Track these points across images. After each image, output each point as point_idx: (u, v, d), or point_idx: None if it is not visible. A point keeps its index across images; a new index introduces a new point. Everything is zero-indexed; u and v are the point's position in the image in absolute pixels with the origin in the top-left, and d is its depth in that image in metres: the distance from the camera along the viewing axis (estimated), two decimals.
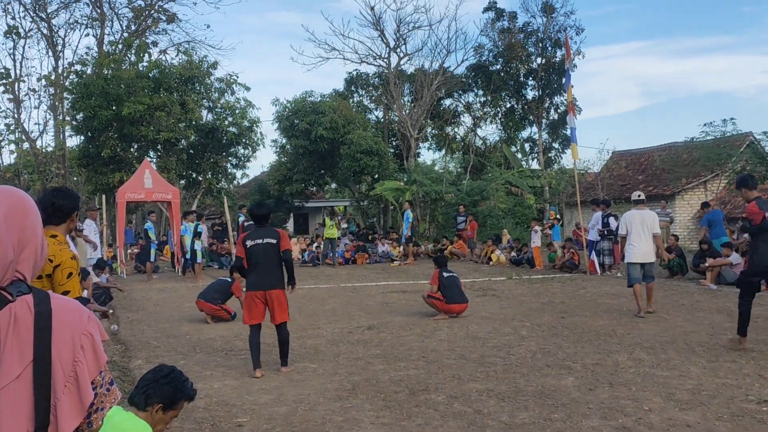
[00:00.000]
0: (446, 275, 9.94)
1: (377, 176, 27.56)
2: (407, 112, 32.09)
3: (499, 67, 34.49)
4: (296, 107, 28.17)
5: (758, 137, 23.51)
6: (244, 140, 26.58)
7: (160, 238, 22.62)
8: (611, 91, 76.00)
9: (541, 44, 33.80)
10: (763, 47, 70.71)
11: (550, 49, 33.77)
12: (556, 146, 35.71)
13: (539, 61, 33.99)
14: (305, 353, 7.60)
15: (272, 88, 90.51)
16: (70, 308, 1.54)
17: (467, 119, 36.97)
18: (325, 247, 20.64)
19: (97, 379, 1.55)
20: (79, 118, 24.60)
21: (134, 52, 26.82)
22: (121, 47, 27.85)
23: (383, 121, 33.56)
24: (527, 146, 36.62)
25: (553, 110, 34.95)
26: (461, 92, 35.53)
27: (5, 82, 29.62)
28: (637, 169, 30.79)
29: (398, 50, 32.61)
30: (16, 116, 30.37)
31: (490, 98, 34.81)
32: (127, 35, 29.64)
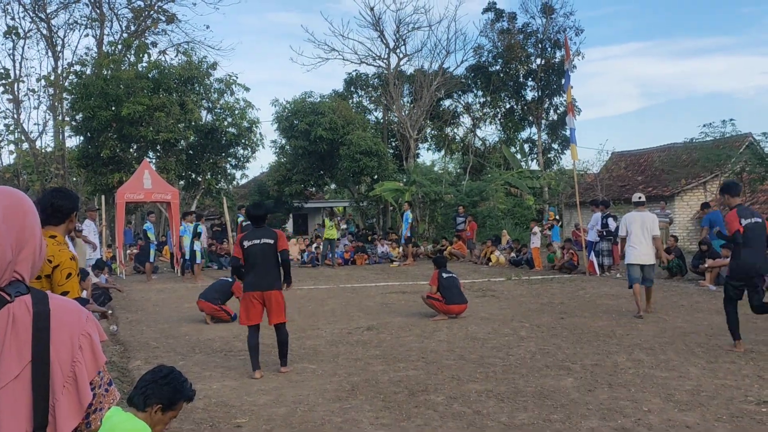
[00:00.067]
0: (445, 276, 9.94)
1: (376, 177, 27.55)
2: (407, 112, 32.10)
3: (498, 67, 34.50)
4: (296, 108, 28.17)
5: (757, 138, 23.52)
6: (243, 141, 26.59)
7: (159, 238, 22.60)
8: (610, 91, 76.13)
9: (540, 45, 33.80)
10: (762, 48, 70.86)
11: (549, 49, 33.78)
12: (555, 147, 35.72)
13: (539, 61, 33.99)
14: (304, 354, 7.60)
15: (272, 88, 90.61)
16: (68, 309, 1.54)
17: (467, 120, 37.02)
18: (324, 247, 20.64)
19: (95, 379, 1.54)
20: (78, 118, 24.59)
21: (134, 52, 26.80)
22: (120, 48, 27.84)
23: (383, 121, 33.57)
24: (527, 147, 36.65)
25: (552, 111, 34.96)
26: (461, 93, 35.54)
27: (5, 82, 29.57)
28: (636, 170, 30.80)
29: (398, 51, 32.66)
30: (15, 116, 30.34)
31: (489, 99, 34.82)
32: (126, 36, 29.63)
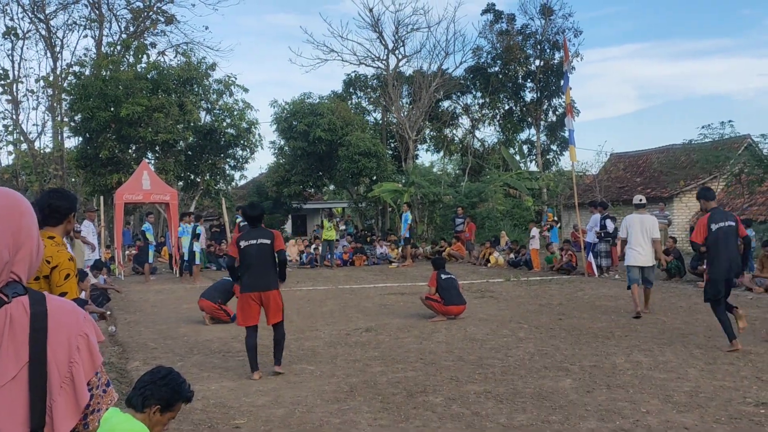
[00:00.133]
0: (444, 277, 9.95)
1: (375, 178, 27.55)
2: (405, 113, 32.11)
3: (497, 69, 34.51)
4: (294, 109, 28.17)
5: (756, 140, 23.51)
6: (242, 142, 26.59)
7: (158, 239, 22.61)
8: (609, 93, 76.05)
9: (539, 46, 33.82)
10: (761, 50, 70.85)
11: (548, 51, 33.79)
12: (554, 148, 35.73)
13: (537, 63, 34.00)
14: (303, 355, 7.59)
15: (270, 89, 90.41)
16: (65, 309, 1.54)
17: (465, 121, 37.03)
18: (323, 248, 20.64)
19: (93, 380, 1.54)
20: (77, 119, 24.58)
21: (132, 53, 26.79)
22: (119, 48, 27.84)
23: (381, 122, 33.57)
24: (525, 148, 36.67)
25: (551, 112, 34.97)
26: (459, 94, 35.55)
27: (4, 83, 29.57)
28: (635, 171, 30.83)
29: (397, 52, 32.67)
30: (14, 117, 30.34)
31: (488, 100, 34.83)
32: (125, 36, 29.63)
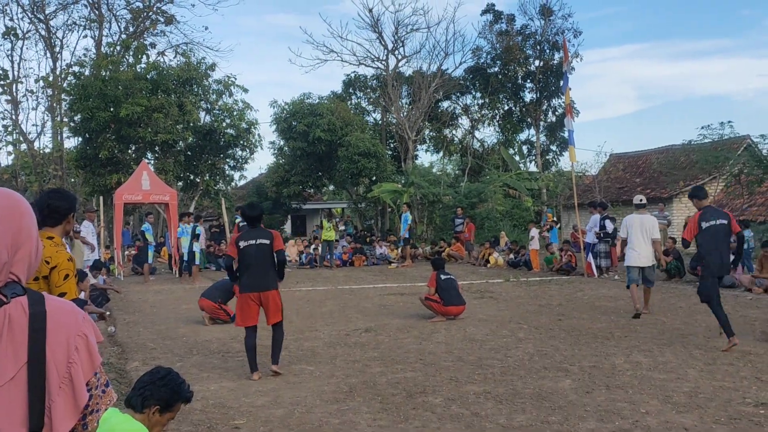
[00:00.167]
0: (444, 277, 9.94)
1: (375, 178, 27.56)
2: (405, 114, 32.12)
3: (496, 69, 34.53)
4: (294, 109, 28.17)
5: (755, 140, 23.52)
6: (241, 142, 26.59)
7: (157, 239, 22.60)
8: (609, 93, 76.07)
9: (538, 47, 33.84)
10: (761, 50, 70.91)
11: (548, 51, 33.82)
12: (553, 149, 35.76)
13: (537, 63, 34.02)
14: (302, 355, 7.59)
15: (270, 90, 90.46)
16: (64, 310, 1.54)
17: (465, 121, 37.06)
18: (322, 249, 20.64)
19: (92, 380, 1.54)
20: (76, 119, 24.59)
21: (132, 53, 26.80)
22: (119, 49, 27.84)
23: (381, 123, 33.59)
24: (525, 149, 36.69)
25: (550, 113, 35.00)
26: (459, 94, 35.57)
27: (3, 83, 29.58)
28: (634, 171, 30.85)
29: (396, 52, 32.68)
30: (13, 117, 30.34)
31: (487, 100, 34.85)
32: (125, 37, 29.64)
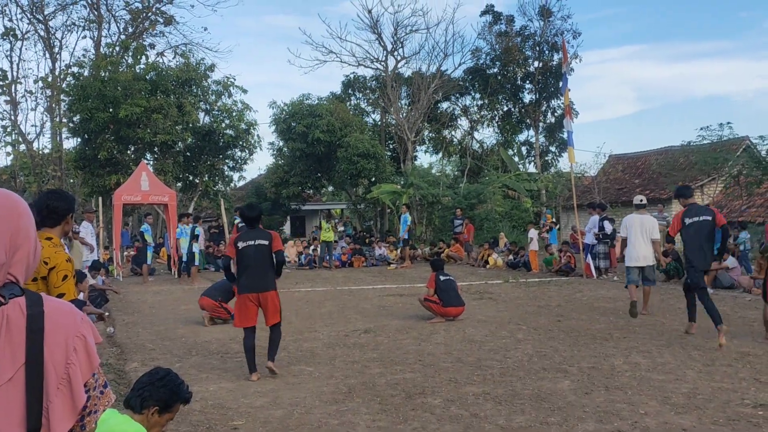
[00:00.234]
0: (443, 278, 9.94)
1: (374, 179, 27.57)
2: (404, 115, 32.13)
3: (496, 70, 34.56)
4: (293, 110, 28.18)
5: (754, 141, 23.58)
6: (241, 143, 26.60)
7: (156, 240, 22.59)
8: (608, 94, 76.14)
9: (538, 48, 33.88)
10: (760, 52, 71.02)
11: (547, 52, 33.86)
12: (552, 150, 35.80)
13: (536, 64, 34.06)
14: (301, 356, 7.59)
15: (269, 90, 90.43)
16: (62, 310, 1.53)
17: (464, 122, 37.11)
18: (321, 250, 20.64)
19: (90, 381, 1.53)
20: (75, 120, 24.58)
21: (131, 54, 26.81)
22: (118, 49, 27.84)
23: (380, 124, 33.61)
24: (524, 150, 36.71)
25: (550, 114, 35.04)
26: (458, 95, 35.59)
27: (2, 84, 29.56)
28: (633, 172, 30.87)
29: (395, 53, 32.72)
30: (12, 118, 30.31)
31: (487, 101, 34.88)
32: (124, 37, 29.63)
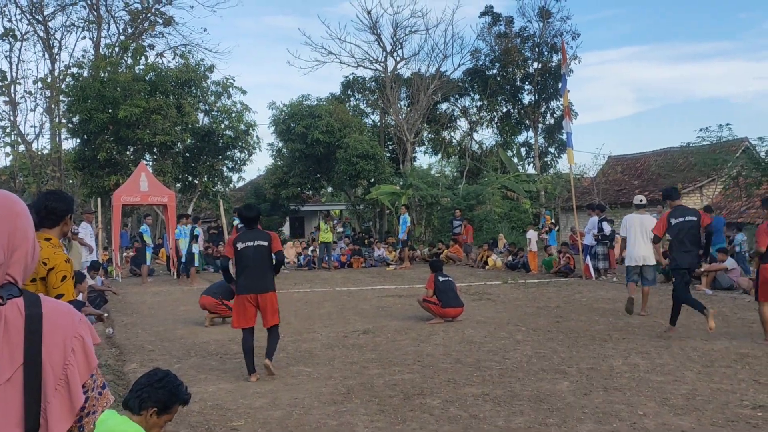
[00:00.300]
0: (442, 279, 9.95)
1: (373, 180, 27.57)
2: (403, 116, 32.14)
3: (495, 71, 34.58)
4: (292, 111, 28.18)
5: (754, 142, 23.60)
6: (240, 144, 26.60)
7: (155, 241, 22.58)
8: (607, 96, 76.07)
9: (537, 49, 33.91)
10: (759, 53, 71.12)
11: (546, 53, 33.89)
12: (552, 151, 35.83)
13: (535, 65, 34.09)
14: (300, 357, 7.58)
15: (269, 91, 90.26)
16: (61, 311, 1.53)
17: (463, 123, 37.12)
18: (320, 250, 20.63)
19: (88, 382, 1.53)
20: (75, 120, 24.58)
21: (131, 55, 26.81)
22: (117, 50, 27.85)
23: (379, 125, 33.61)
24: (523, 151, 36.75)
25: (549, 115, 35.07)
26: (457, 96, 35.61)
27: (1, 84, 29.56)
28: (633, 174, 30.89)
29: (395, 54, 32.74)
30: (12, 119, 30.32)
31: (486, 102, 34.89)
32: (123, 38, 29.63)
